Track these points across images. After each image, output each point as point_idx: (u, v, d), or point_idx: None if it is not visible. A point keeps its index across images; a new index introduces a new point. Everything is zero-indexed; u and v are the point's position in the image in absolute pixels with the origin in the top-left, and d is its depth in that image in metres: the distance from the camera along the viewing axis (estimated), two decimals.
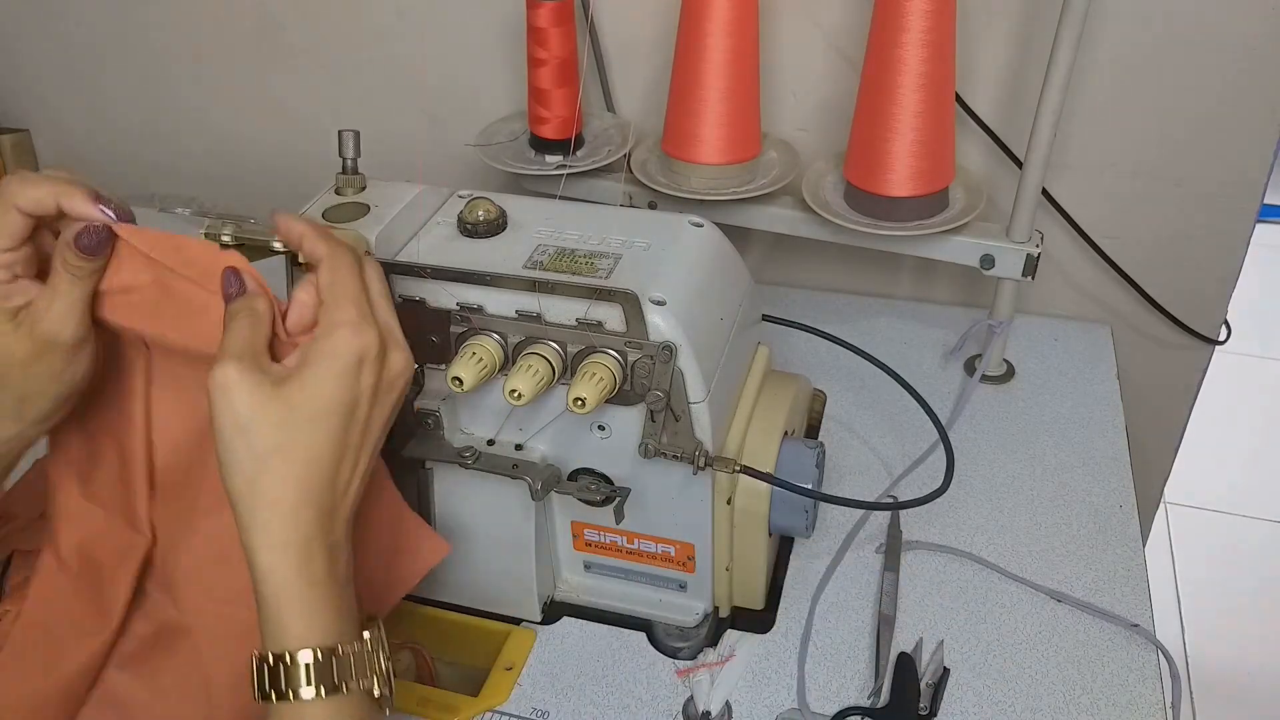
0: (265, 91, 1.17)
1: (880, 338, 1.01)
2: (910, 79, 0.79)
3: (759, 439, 0.68)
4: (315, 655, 0.48)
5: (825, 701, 0.68)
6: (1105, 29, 0.88)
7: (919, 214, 0.85)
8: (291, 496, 0.48)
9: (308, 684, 0.48)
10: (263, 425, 0.48)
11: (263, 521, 0.48)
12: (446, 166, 1.12)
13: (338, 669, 0.49)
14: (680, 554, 0.70)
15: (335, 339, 0.50)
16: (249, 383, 0.48)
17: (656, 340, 0.60)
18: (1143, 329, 1.03)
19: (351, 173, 0.67)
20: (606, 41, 1.00)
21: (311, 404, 0.49)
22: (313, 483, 0.49)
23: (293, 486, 0.48)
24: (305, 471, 0.48)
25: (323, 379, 0.49)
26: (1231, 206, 0.94)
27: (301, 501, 0.48)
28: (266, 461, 0.48)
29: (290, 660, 0.48)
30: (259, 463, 0.48)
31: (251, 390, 0.48)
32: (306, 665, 0.48)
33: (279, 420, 0.48)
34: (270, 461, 0.48)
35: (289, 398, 0.48)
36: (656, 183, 0.89)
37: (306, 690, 0.48)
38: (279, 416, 0.48)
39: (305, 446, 0.49)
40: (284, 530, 0.48)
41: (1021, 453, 0.87)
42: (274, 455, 0.48)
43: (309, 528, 0.49)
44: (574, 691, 0.69)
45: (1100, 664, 0.69)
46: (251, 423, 0.48)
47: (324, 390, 0.49)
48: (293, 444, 0.48)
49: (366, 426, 0.51)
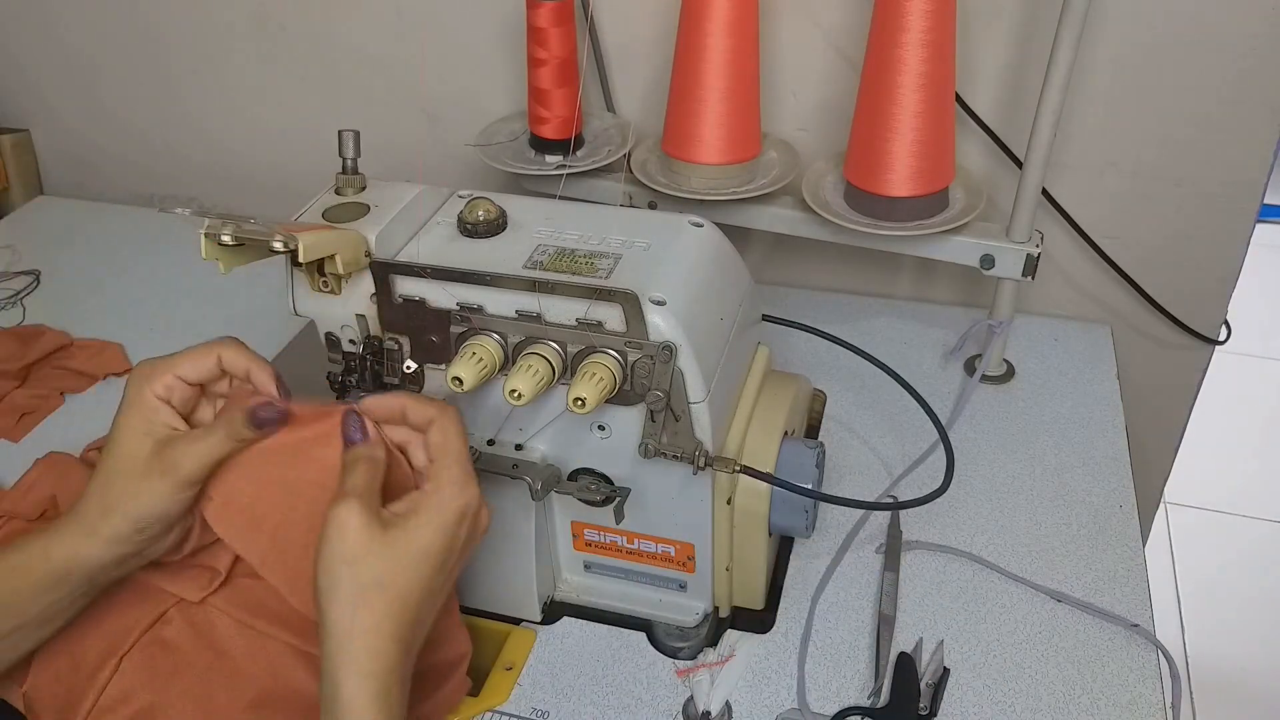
0: (265, 91, 1.17)
1: (880, 338, 1.01)
2: (910, 79, 0.79)
3: (759, 439, 0.68)
4: None
5: (825, 701, 0.68)
6: (1105, 29, 0.88)
7: (919, 214, 0.85)
8: (385, 630, 0.51)
9: None
10: (370, 560, 0.51)
11: (355, 650, 0.51)
12: (446, 166, 1.12)
13: None
14: (680, 554, 0.70)
15: (443, 495, 0.55)
16: (363, 521, 0.52)
17: (656, 340, 0.60)
18: (1143, 329, 1.03)
19: (351, 173, 0.67)
20: (606, 41, 1.00)
21: (414, 548, 0.53)
22: (403, 620, 0.52)
23: (387, 621, 0.51)
24: (399, 609, 0.52)
25: (427, 528, 0.54)
26: (1231, 206, 0.94)
27: (392, 636, 0.52)
28: (366, 594, 0.51)
29: None
30: (361, 594, 0.51)
31: (364, 528, 0.52)
32: None
33: (384, 558, 0.52)
34: (370, 594, 0.51)
35: (396, 540, 0.53)
36: (656, 183, 0.89)
37: None
38: (385, 555, 0.52)
39: (403, 585, 0.52)
40: (371, 661, 0.51)
41: (1021, 453, 0.87)
42: (374, 589, 0.51)
43: (391, 661, 0.51)
44: (574, 691, 0.69)
45: (1100, 664, 0.69)
46: (360, 558, 0.51)
47: (426, 537, 0.53)
48: (392, 582, 0.52)
49: (450, 573, 0.56)
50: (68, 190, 1.33)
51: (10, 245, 1.18)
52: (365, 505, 0.52)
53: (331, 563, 0.51)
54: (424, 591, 0.53)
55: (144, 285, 1.11)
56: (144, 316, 1.06)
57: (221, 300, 1.06)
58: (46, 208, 1.27)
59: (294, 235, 0.57)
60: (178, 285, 1.10)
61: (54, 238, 1.20)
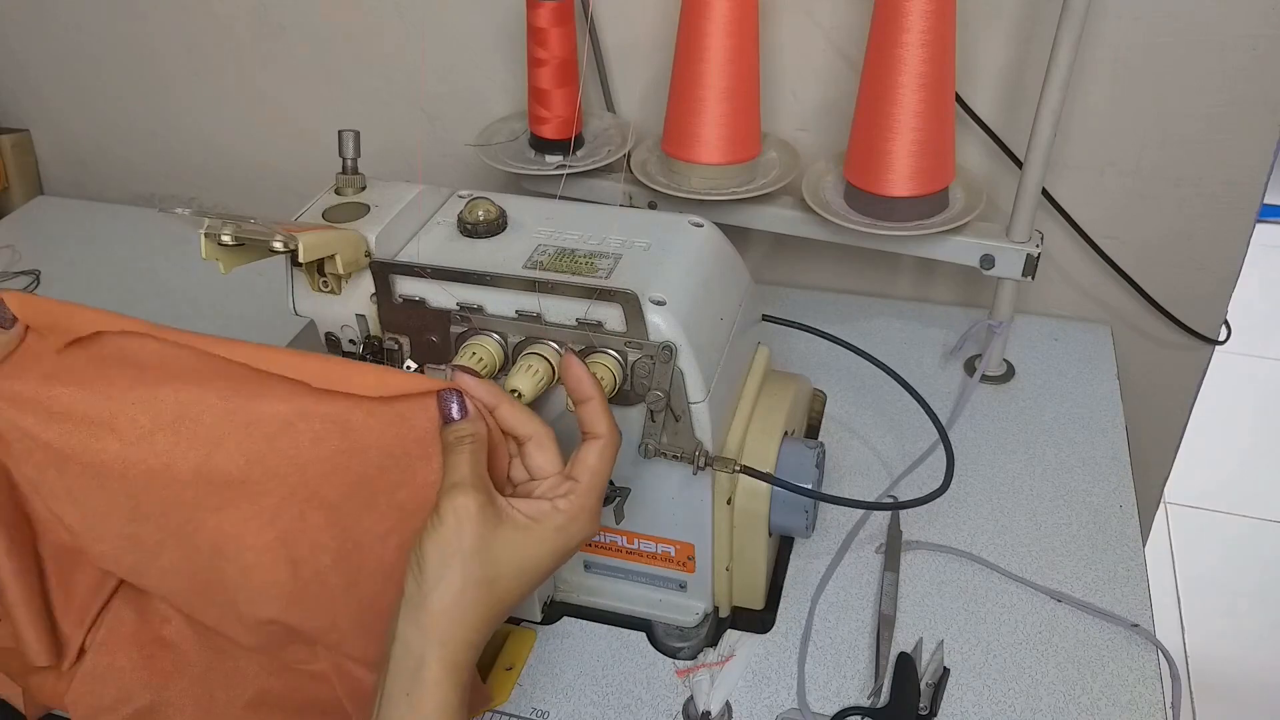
0: (265, 91, 1.17)
1: (880, 338, 1.01)
2: (910, 79, 0.79)
3: (759, 439, 0.68)
4: None
5: (825, 701, 0.68)
6: (1105, 29, 0.88)
7: (919, 214, 0.85)
8: (478, 626, 0.51)
9: None
10: (486, 557, 0.51)
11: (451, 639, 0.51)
12: (446, 166, 1.13)
13: None
14: (680, 554, 0.70)
15: (579, 522, 0.54)
16: (483, 515, 0.51)
17: (656, 340, 0.60)
18: (1143, 329, 1.03)
19: (351, 173, 0.67)
20: (606, 41, 1.00)
21: (529, 557, 0.53)
22: (493, 616, 0.52)
23: (480, 618, 0.51)
24: (491, 613, 0.52)
25: (548, 545, 0.53)
26: (1231, 206, 0.94)
27: (479, 635, 0.52)
28: (476, 590, 0.51)
29: None
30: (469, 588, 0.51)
31: (483, 522, 0.51)
32: None
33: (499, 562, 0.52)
34: (479, 591, 0.51)
35: (514, 542, 0.52)
36: (656, 183, 0.89)
37: None
38: (501, 557, 0.52)
39: (503, 591, 0.52)
40: (458, 653, 0.51)
41: (1021, 453, 0.87)
42: (484, 586, 0.51)
43: (475, 654, 0.52)
44: (574, 691, 0.69)
45: (1100, 664, 0.69)
46: (478, 552, 0.51)
47: (545, 553, 0.53)
48: (499, 581, 0.52)
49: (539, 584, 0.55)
50: (67, 190, 1.33)
51: (10, 245, 1.18)
52: (486, 498, 0.52)
53: (446, 552, 0.51)
54: (518, 597, 0.53)
55: (144, 285, 1.11)
56: (143, 316, 1.05)
57: (221, 300, 1.06)
58: (46, 208, 1.27)
59: (294, 235, 0.57)
60: (178, 285, 1.10)
61: (54, 238, 1.20)
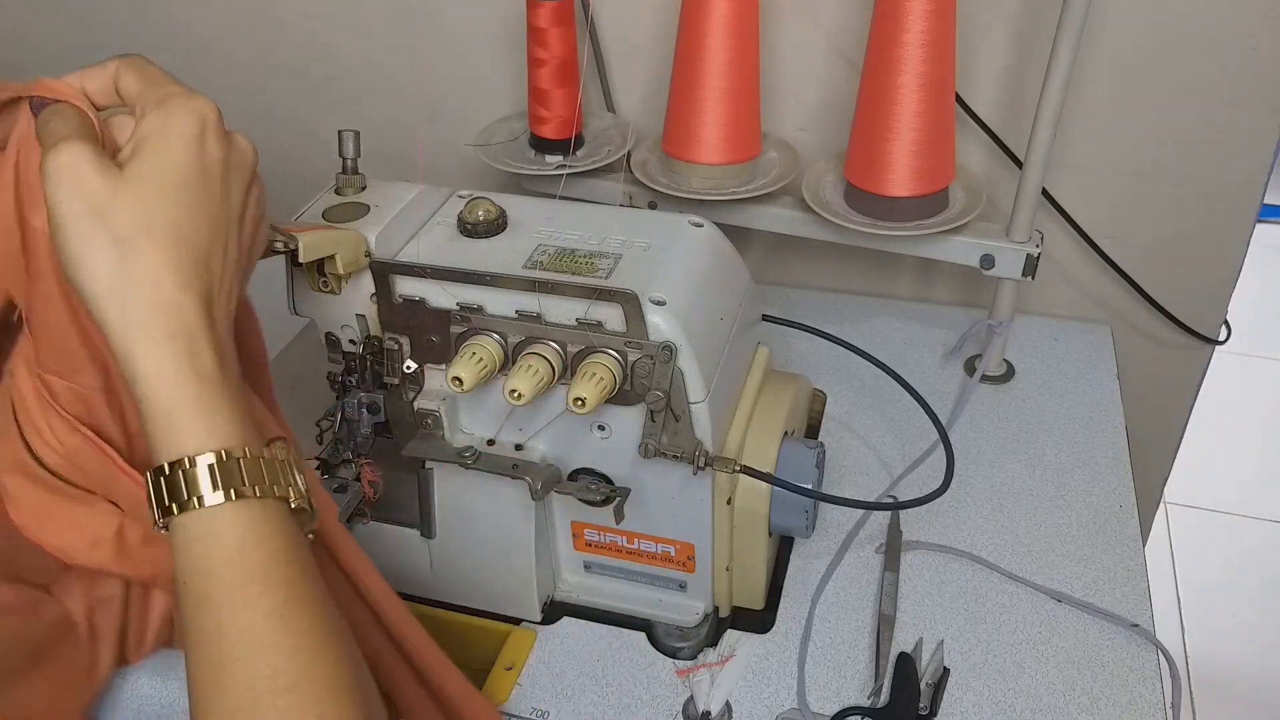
0: (265, 91, 1.17)
1: (880, 338, 1.01)
2: (910, 79, 0.79)
3: (759, 439, 0.68)
4: (218, 457, 0.44)
5: (825, 701, 0.68)
6: (1105, 29, 0.88)
7: (919, 214, 0.85)
8: (169, 281, 0.44)
9: (213, 488, 0.43)
10: (123, 202, 0.43)
11: (141, 315, 0.43)
12: (446, 166, 1.12)
13: (245, 472, 0.44)
14: (680, 554, 0.70)
15: (169, 108, 0.46)
16: (98, 163, 0.43)
17: (656, 340, 0.60)
18: (1143, 329, 1.03)
19: (351, 173, 0.67)
20: (606, 41, 1.00)
21: (163, 175, 0.44)
22: (186, 265, 0.44)
23: (168, 270, 0.44)
24: (177, 253, 0.44)
25: (169, 148, 0.45)
26: (1231, 206, 0.94)
27: (180, 286, 0.44)
28: (134, 244, 0.43)
29: (190, 464, 0.43)
30: (125, 246, 0.43)
31: (102, 169, 0.43)
32: (209, 467, 0.43)
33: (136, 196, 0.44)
34: (138, 243, 0.43)
35: (139, 175, 0.44)
36: (656, 183, 0.89)
37: (212, 495, 0.43)
38: (136, 194, 0.44)
39: (171, 223, 0.44)
40: (167, 320, 0.43)
41: (1021, 453, 0.87)
42: (141, 236, 0.43)
43: (191, 317, 0.44)
44: (574, 691, 0.69)
45: (1100, 664, 0.69)
46: (109, 203, 0.43)
47: (172, 158, 0.45)
48: (157, 220, 0.44)
49: (225, 201, 0.47)
50: None
51: None
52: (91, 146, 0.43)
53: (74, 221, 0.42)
54: (199, 224, 0.45)
55: None
56: None
57: None
58: None
59: (294, 235, 0.57)
60: None
61: None
